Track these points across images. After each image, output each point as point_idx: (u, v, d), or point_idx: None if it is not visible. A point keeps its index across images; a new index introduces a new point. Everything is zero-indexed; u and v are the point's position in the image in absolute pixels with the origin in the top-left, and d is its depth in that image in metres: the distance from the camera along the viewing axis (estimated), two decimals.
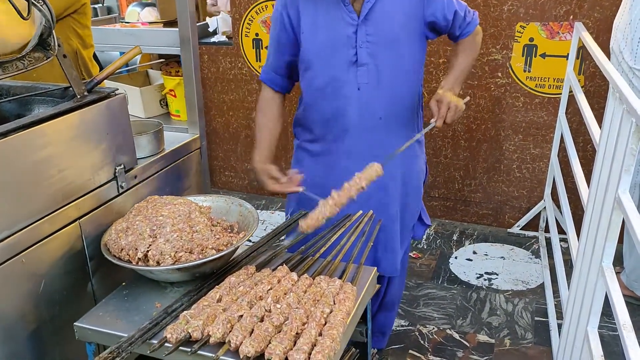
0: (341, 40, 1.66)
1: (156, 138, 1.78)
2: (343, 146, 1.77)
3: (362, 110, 1.72)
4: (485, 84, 3.08)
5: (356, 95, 1.70)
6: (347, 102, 1.72)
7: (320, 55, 1.70)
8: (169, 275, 1.36)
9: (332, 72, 1.70)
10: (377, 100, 1.72)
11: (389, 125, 1.76)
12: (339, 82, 1.70)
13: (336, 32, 1.66)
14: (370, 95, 1.71)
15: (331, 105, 1.73)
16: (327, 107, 1.74)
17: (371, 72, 1.69)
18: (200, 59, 3.58)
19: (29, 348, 1.36)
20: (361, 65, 1.67)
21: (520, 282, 2.80)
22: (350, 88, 1.70)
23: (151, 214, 1.43)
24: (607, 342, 2.32)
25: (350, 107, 1.72)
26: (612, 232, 1.54)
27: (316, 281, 1.36)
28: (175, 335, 1.17)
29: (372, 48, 1.66)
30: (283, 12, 1.71)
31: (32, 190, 1.32)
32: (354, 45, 1.66)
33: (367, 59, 1.67)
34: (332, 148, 1.80)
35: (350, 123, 1.74)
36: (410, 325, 2.51)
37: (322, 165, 1.83)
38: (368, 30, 1.65)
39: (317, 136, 1.82)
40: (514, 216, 3.28)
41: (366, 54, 1.67)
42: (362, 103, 1.71)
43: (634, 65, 2.25)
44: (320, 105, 1.75)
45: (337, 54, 1.68)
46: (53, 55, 1.38)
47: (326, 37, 1.68)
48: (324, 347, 1.12)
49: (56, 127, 1.36)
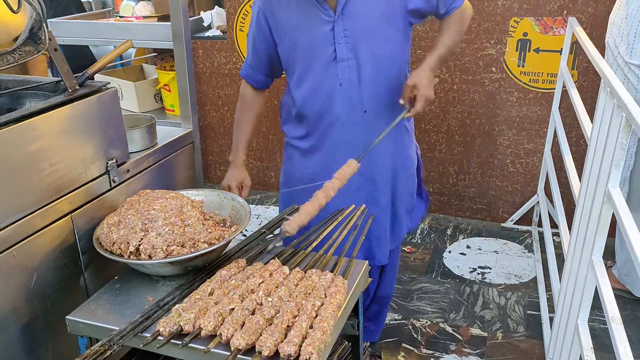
0: (319, 39, 1.66)
1: (148, 132, 1.78)
2: (330, 142, 1.78)
3: (346, 105, 1.73)
4: (479, 78, 3.08)
5: (338, 91, 1.71)
6: (331, 99, 1.72)
7: (300, 56, 1.70)
8: (160, 269, 1.37)
9: (313, 71, 1.70)
10: (360, 94, 1.72)
11: (375, 118, 1.76)
12: (321, 80, 1.70)
13: (313, 31, 1.66)
14: (352, 90, 1.71)
15: (315, 102, 1.74)
16: (312, 105, 1.75)
17: (352, 67, 1.69)
18: (195, 53, 3.57)
19: (21, 342, 1.36)
20: (341, 61, 1.68)
21: (513, 276, 2.82)
22: (332, 84, 1.70)
23: (143, 208, 1.43)
24: (598, 335, 2.34)
25: (334, 104, 1.72)
26: (602, 226, 1.55)
27: (308, 275, 1.36)
28: (167, 328, 1.18)
29: (351, 43, 1.66)
30: (260, 15, 1.72)
31: (23, 184, 1.32)
32: (332, 42, 1.66)
33: (346, 54, 1.67)
34: (319, 144, 1.80)
35: (336, 119, 1.74)
36: (403, 319, 2.52)
37: (311, 161, 1.84)
38: (346, 25, 1.64)
39: (305, 133, 1.83)
40: (508, 211, 3.30)
41: (345, 49, 1.66)
42: (345, 98, 1.72)
43: (630, 60, 2.26)
44: (305, 103, 1.76)
45: (316, 52, 1.68)
46: (44, 49, 1.37)
47: (304, 38, 1.68)
48: (315, 339, 1.12)
49: (47, 120, 1.36)
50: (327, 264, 1.46)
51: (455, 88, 3.15)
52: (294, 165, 1.89)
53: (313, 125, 1.79)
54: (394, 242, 1.98)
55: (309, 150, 1.84)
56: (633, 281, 2.52)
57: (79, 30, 3.12)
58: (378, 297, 2.13)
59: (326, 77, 1.70)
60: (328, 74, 1.69)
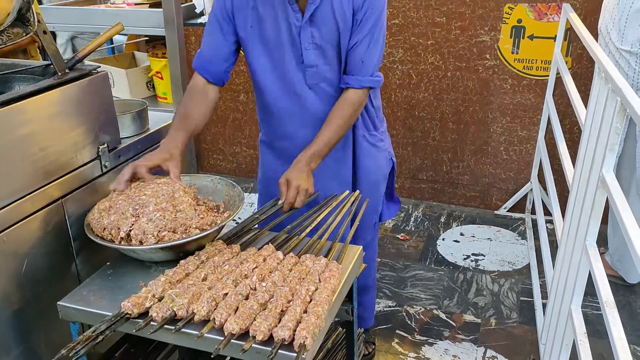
0: (286, 40, 1.63)
1: (140, 117, 1.76)
2: (297, 143, 1.74)
3: (319, 106, 1.70)
4: (473, 65, 3.07)
5: (309, 92, 1.69)
6: (302, 99, 1.70)
7: (267, 54, 1.66)
8: (152, 254, 1.36)
9: (281, 70, 1.67)
10: (333, 97, 1.69)
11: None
12: (289, 80, 1.68)
13: (281, 31, 1.62)
14: (324, 93, 1.69)
15: (286, 101, 1.72)
16: (282, 103, 1.73)
17: (321, 74, 1.66)
18: (187, 40, 3.53)
19: (12, 328, 1.35)
20: (309, 66, 1.65)
21: (506, 263, 2.83)
22: (301, 87, 1.68)
23: (134, 194, 1.42)
24: (590, 321, 2.35)
25: (307, 103, 1.70)
26: (596, 211, 1.55)
27: (302, 260, 1.36)
28: (160, 313, 1.17)
29: (319, 50, 1.62)
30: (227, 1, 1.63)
31: (12, 168, 1.30)
32: (299, 46, 1.63)
33: (314, 60, 1.64)
34: (286, 145, 1.79)
35: (308, 117, 1.72)
36: (397, 306, 2.52)
37: (280, 161, 1.83)
38: (313, 32, 1.60)
39: (273, 133, 1.81)
40: (501, 198, 3.30)
41: (313, 56, 1.63)
42: (317, 99, 1.70)
43: (621, 46, 2.25)
44: (274, 101, 1.73)
45: (283, 52, 1.64)
46: (32, 31, 1.35)
47: (273, 35, 1.63)
48: (309, 323, 1.12)
49: (37, 104, 1.34)
50: (321, 249, 1.46)
51: (449, 75, 3.14)
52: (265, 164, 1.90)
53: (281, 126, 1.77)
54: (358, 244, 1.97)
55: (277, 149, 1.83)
56: (625, 267, 2.54)
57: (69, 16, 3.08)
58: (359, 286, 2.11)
59: (295, 78, 1.67)
60: (298, 75, 1.67)
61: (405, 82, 3.22)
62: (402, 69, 3.20)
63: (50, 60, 1.45)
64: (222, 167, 3.85)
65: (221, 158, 3.83)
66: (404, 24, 3.08)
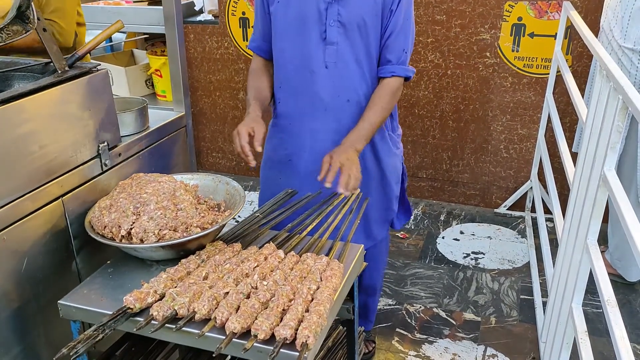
0: (312, 16, 1.64)
1: (140, 115, 1.75)
2: (310, 124, 1.75)
3: (329, 90, 1.71)
4: (473, 63, 3.07)
5: (324, 72, 1.69)
6: (315, 79, 1.70)
7: (291, 28, 1.68)
8: (152, 253, 1.35)
9: (301, 46, 1.68)
10: (345, 82, 1.70)
11: (356, 111, 1.74)
12: (307, 56, 1.68)
13: (307, 6, 1.64)
14: (338, 75, 1.69)
15: (299, 79, 1.72)
16: (295, 82, 1.73)
17: (340, 52, 1.67)
18: (186, 38, 3.53)
19: (12, 326, 1.34)
20: (330, 43, 1.66)
21: (506, 261, 2.83)
22: (318, 64, 1.68)
23: (135, 192, 1.41)
24: (591, 319, 2.36)
25: (318, 84, 1.70)
26: (597, 209, 1.55)
27: (303, 258, 1.35)
28: (161, 312, 1.16)
29: (342, 28, 1.65)
30: None
31: (12, 167, 1.29)
32: (323, 22, 1.64)
33: (336, 37, 1.65)
34: (295, 125, 1.79)
35: (317, 101, 1.72)
36: (397, 304, 2.52)
37: (285, 143, 1.82)
38: (340, 10, 1.63)
39: (282, 112, 1.81)
40: (501, 196, 3.30)
41: (336, 33, 1.65)
42: (329, 82, 1.70)
43: (624, 44, 2.25)
44: (288, 79, 1.74)
45: (307, 28, 1.66)
46: (32, 29, 1.34)
47: (297, 11, 1.66)
48: (311, 322, 1.11)
49: (36, 102, 1.33)
50: (322, 248, 1.45)
51: (449, 73, 3.13)
52: (272, 144, 1.87)
53: (295, 104, 1.76)
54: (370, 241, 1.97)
55: (287, 130, 1.81)
56: (625, 266, 2.54)
57: None
58: (363, 286, 2.11)
59: (313, 55, 1.68)
60: (316, 52, 1.67)
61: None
62: None
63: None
64: (221, 165, 3.84)
65: (220, 156, 3.82)
66: None
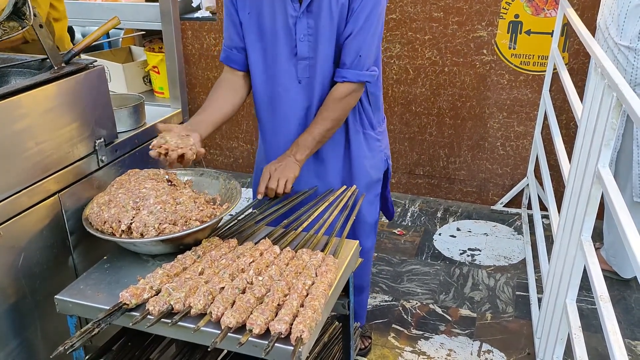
0: (282, 30, 1.61)
1: (137, 112, 1.75)
2: (286, 137, 1.74)
3: (304, 103, 1.70)
4: (470, 61, 3.07)
5: (296, 87, 1.67)
6: (287, 93, 1.69)
7: (262, 43, 1.65)
8: (152, 247, 1.36)
9: (273, 61, 1.66)
10: (321, 94, 1.68)
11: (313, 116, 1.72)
12: (280, 71, 1.66)
13: (277, 21, 1.60)
14: (311, 89, 1.67)
15: (272, 92, 1.71)
16: (269, 94, 1.72)
17: (312, 67, 1.64)
18: (184, 34, 3.53)
19: (9, 321, 1.35)
20: (302, 59, 1.63)
21: (502, 258, 2.84)
22: (291, 79, 1.66)
23: (133, 187, 1.42)
24: (585, 315, 2.37)
25: (290, 98, 1.69)
26: (592, 206, 1.56)
27: (298, 254, 1.36)
28: (157, 307, 1.17)
29: (313, 42, 1.61)
30: None
31: (9, 163, 1.29)
32: (293, 37, 1.61)
33: (307, 53, 1.62)
34: (275, 137, 1.78)
35: (292, 114, 1.71)
36: (393, 300, 2.53)
37: (269, 153, 1.82)
38: (309, 23, 1.59)
39: (264, 123, 1.80)
40: (498, 193, 3.31)
41: (307, 48, 1.62)
42: (304, 96, 1.69)
43: (620, 42, 2.26)
44: (261, 91, 1.73)
45: (278, 43, 1.63)
46: (28, 25, 1.35)
47: (269, 25, 1.62)
48: (306, 317, 1.12)
49: (33, 98, 1.33)
50: (317, 244, 1.46)
51: (446, 70, 3.14)
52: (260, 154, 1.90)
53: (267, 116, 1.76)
54: None
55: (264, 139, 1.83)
56: (620, 262, 2.55)
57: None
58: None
59: (285, 70, 1.66)
60: (288, 67, 1.65)
61: (402, 77, 3.22)
62: (399, 64, 3.19)
63: None
64: (219, 162, 3.84)
65: (218, 153, 3.82)
66: (401, 19, 3.08)
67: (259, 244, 1.39)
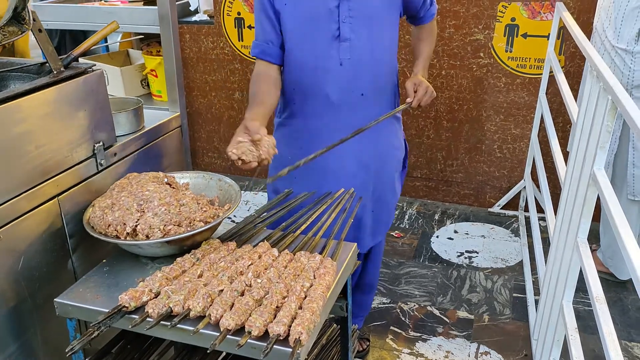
0: (324, 14, 1.65)
1: (135, 115, 1.76)
2: (323, 122, 1.76)
3: (344, 86, 1.72)
4: (467, 64, 3.09)
5: (338, 70, 1.70)
6: (329, 78, 1.71)
7: (302, 29, 1.68)
8: (157, 249, 1.37)
9: (314, 46, 1.68)
10: (360, 76, 1.71)
11: (371, 103, 1.76)
12: (321, 56, 1.69)
13: (318, 5, 1.65)
14: (352, 71, 1.70)
15: (312, 80, 1.72)
16: (308, 82, 1.73)
17: (354, 48, 1.68)
18: (182, 38, 3.54)
19: (8, 324, 1.36)
20: (344, 40, 1.67)
21: (499, 260, 2.85)
22: (333, 63, 1.69)
23: (136, 190, 1.43)
24: (582, 317, 2.38)
25: (332, 83, 1.71)
26: (587, 208, 1.57)
27: (297, 257, 1.37)
28: (156, 310, 1.18)
29: (354, 23, 1.66)
30: None
31: (8, 167, 1.30)
32: (336, 20, 1.65)
33: (349, 34, 1.66)
34: (311, 124, 1.78)
35: (332, 99, 1.73)
36: (391, 302, 2.54)
37: (301, 142, 1.81)
38: (351, 5, 1.64)
39: (297, 112, 1.80)
40: (495, 196, 3.32)
41: (349, 29, 1.66)
42: (344, 79, 1.71)
43: (617, 44, 2.27)
44: (301, 79, 1.74)
45: (319, 27, 1.66)
46: (28, 30, 1.35)
47: (309, 10, 1.66)
48: (304, 319, 1.13)
49: (32, 102, 1.34)
50: (316, 246, 1.47)
51: (443, 73, 3.15)
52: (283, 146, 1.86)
53: (307, 104, 1.76)
54: (379, 235, 1.98)
55: (299, 130, 1.81)
56: (616, 264, 2.56)
57: (63, 14, 3.08)
58: (361, 284, 2.13)
59: (327, 54, 1.68)
60: (330, 51, 1.68)
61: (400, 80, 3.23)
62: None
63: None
64: (217, 166, 3.85)
65: (216, 156, 3.83)
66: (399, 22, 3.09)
67: (258, 246, 1.40)
